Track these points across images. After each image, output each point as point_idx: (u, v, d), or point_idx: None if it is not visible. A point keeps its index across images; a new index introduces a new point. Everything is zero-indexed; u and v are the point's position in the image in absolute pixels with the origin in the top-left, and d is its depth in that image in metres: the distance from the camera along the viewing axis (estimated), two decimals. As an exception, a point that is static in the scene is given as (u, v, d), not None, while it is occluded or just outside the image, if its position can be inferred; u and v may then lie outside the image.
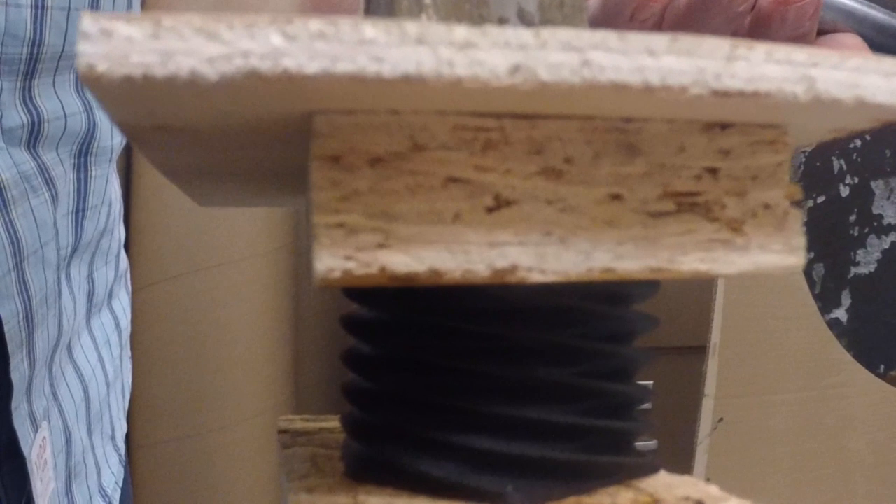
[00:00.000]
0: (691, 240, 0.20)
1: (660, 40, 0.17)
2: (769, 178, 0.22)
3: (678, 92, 0.18)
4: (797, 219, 0.22)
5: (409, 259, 0.18)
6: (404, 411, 0.23)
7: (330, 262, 0.17)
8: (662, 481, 0.25)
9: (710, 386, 0.98)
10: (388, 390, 0.24)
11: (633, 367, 0.24)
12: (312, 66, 0.15)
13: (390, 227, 0.18)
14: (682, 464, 1.03)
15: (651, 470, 0.25)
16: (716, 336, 0.97)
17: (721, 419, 0.98)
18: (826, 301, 0.99)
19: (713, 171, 0.21)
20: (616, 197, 0.20)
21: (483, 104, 0.18)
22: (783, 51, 0.19)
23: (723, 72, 0.18)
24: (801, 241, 0.22)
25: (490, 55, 0.16)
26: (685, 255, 0.20)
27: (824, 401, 1.00)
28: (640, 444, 0.26)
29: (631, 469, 0.24)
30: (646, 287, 0.24)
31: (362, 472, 0.24)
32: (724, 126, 0.21)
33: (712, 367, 0.97)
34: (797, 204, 0.23)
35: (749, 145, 0.22)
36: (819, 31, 0.37)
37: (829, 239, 0.98)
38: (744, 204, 0.21)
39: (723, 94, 0.18)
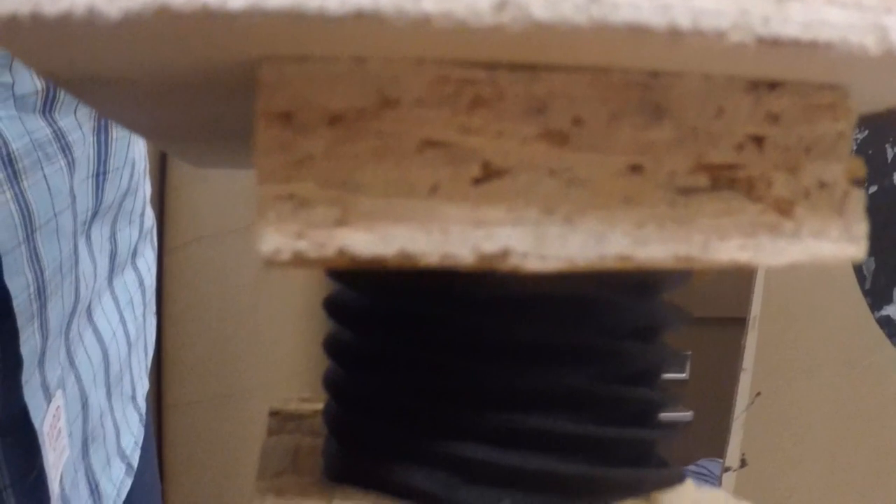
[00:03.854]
0: (730, 223, 0.17)
1: (692, -28, 0.14)
2: (827, 151, 0.18)
3: (714, 39, 0.14)
4: (858, 201, 0.19)
5: (373, 239, 0.14)
6: (388, 411, 0.20)
7: (277, 241, 0.14)
8: (689, 496, 0.21)
9: (749, 360, 0.95)
10: (371, 386, 0.20)
11: (656, 369, 0.21)
12: (237, 1, 0.12)
13: (351, 199, 0.14)
14: (717, 438, 1.00)
15: (676, 480, 0.22)
16: (756, 308, 0.93)
17: (759, 394, 0.95)
18: (877, 297, 0.94)
19: (758, 140, 0.17)
20: (637, 168, 0.16)
21: (469, 51, 0.14)
22: (849, -10, 0.15)
23: (772, 14, 0.14)
24: (862, 228, 0.18)
25: (470, -14, 0.13)
26: (722, 240, 0.17)
27: (865, 380, 0.96)
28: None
29: (652, 482, 0.21)
30: (676, 275, 0.21)
31: (341, 473, 0.21)
32: (772, 85, 0.18)
33: (752, 340, 0.94)
34: (859, 183, 0.19)
35: (803, 110, 0.18)
36: None
37: (882, 232, 0.92)
38: (795, 181, 0.18)
39: (772, 43, 0.14)
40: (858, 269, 0.93)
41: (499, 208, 0.15)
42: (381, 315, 0.20)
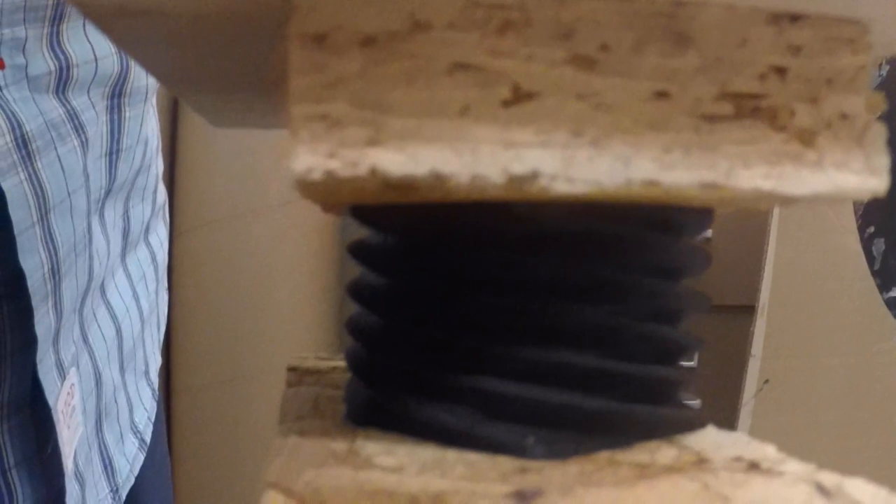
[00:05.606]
0: (753, 150, 0.17)
1: None
2: (847, 84, 0.18)
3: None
4: (880, 134, 0.19)
5: (404, 158, 0.15)
6: (412, 348, 0.20)
7: (309, 160, 0.14)
8: (711, 438, 0.22)
9: (757, 347, 0.95)
10: (396, 325, 0.21)
11: (680, 309, 0.21)
12: None
13: (383, 119, 0.15)
14: (725, 425, 1.00)
15: (698, 424, 0.22)
16: (765, 296, 0.93)
17: (767, 381, 0.95)
18: (886, 278, 0.94)
19: (780, 71, 0.18)
20: (662, 94, 0.16)
21: (499, -27, 0.15)
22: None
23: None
24: (883, 160, 0.19)
25: None
26: (746, 168, 0.17)
27: (874, 367, 0.96)
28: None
29: (675, 423, 0.21)
30: (698, 216, 0.21)
31: (364, 414, 0.21)
32: (794, 17, 0.18)
33: (760, 327, 0.94)
34: (880, 117, 0.19)
35: (824, 42, 0.18)
36: None
37: (892, 212, 0.92)
38: (816, 112, 0.18)
39: (795, -34, 0.15)
40: (868, 250, 0.93)
41: (528, 130, 0.15)
42: (406, 255, 0.21)
